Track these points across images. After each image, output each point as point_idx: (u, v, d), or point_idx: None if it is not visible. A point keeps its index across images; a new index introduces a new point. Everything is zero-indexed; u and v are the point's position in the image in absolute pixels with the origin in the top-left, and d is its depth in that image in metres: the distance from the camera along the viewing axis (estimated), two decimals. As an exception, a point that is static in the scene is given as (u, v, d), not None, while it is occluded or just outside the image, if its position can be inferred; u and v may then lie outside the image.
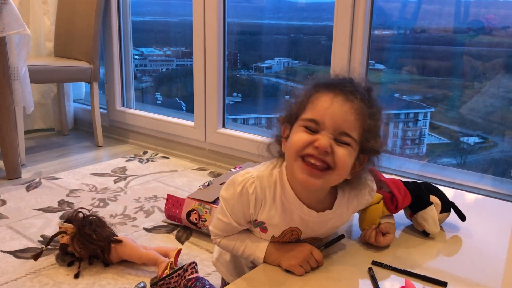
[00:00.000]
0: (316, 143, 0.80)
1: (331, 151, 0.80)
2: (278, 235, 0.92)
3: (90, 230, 1.41)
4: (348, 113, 0.81)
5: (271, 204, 0.88)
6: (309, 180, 0.81)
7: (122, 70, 2.81)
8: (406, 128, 2.31)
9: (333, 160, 0.80)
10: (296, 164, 0.82)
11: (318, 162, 0.80)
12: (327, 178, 0.82)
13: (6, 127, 2.08)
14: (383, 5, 2.07)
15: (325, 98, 0.82)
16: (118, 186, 2.10)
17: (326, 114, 0.81)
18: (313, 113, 0.82)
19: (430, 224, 1.03)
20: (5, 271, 1.41)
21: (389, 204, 1.01)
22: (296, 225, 0.90)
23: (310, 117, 0.82)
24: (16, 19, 1.97)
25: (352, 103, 0.82)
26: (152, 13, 3.22)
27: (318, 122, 0.81)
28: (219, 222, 0.93)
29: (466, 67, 2.02)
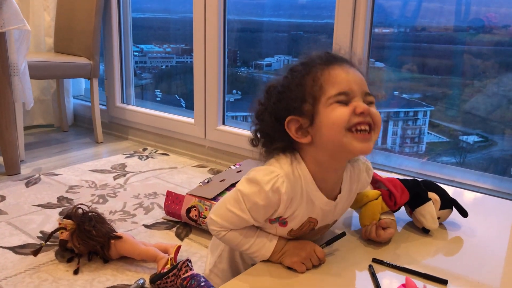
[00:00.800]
0: (358, 110, 0.81)
1: (369, 112, 0.82)
2: (297, 228, 0.90)
3: (90, 226, 1.41)
4: (361, 76, 0.85)
5: (299, 199, 0.87)
6: (364, 146, 0.82)
7: (122, 66, 2.81)
8: (405, 126, 2.31)
9: (373, 121, 0.83)
10: (347, 138, 0.81)
11: (366, 126, 0.82)
12: (373, 140, 0.84)
13: (5, 123, 2.08)
14: (383, 3, 2.07)
15: (340, 70, 0.84)
16: (118, 183, 2.10)
17: (350, 82, 0.83)
18: (338, 86, 0.82)
19: (429, 220, 1.03)
20: (5, 267, 1.41)
21: (387, 200, 1.02)
22: (315, 216, 0.90)
23: (338, 91, 0.82)
24: (16, 14, 1.97)
25: (355, 67, 0.87)
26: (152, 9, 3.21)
27: (347, 92, 0.82)
28: (231, 215, 0.87)
29: (466, 66, 2.02)
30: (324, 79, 0.83)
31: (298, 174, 0.86)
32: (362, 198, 1.02)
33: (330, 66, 0.84)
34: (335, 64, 0.85)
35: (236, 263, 1.04)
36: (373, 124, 0.83)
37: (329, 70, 0.84)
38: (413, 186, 1.07)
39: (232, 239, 0.90)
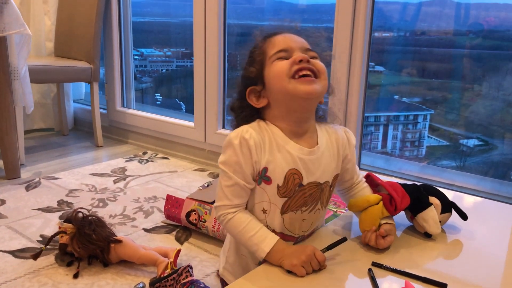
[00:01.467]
0: (297, 58, 0.91)
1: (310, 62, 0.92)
2: (282, 183, 0.93)
3: (90, 230, 1.41)
4: (301, 38, 0.96)
5: (269, 146, 0.94)
6: (309, 87, 0.90)
7: (122, 70, 2.81)
8: (405, 130, 2.31)
9: (316, 68, 0.92)
10: (291, 84, 0.91)
11: (308, 71, 0.91)
12: (320, 83, 0.92)
13: (6, 126, 2.08)
14: (383, 7, 2.07)
15: (279, 36, 0.96)
16: (118, 187, 2.10)
17: (288, 41, 0.94)
18: (277, 46, 0.94)
19: (431, 225, 1.03)
20: (4, 271, 1.41)
21: (388, 205, 1.01)
22: (296, 167, 0.94)
23: (277, 49, 0.93)
24: (17, 18, 1.98)
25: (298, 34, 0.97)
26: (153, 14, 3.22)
27: (286, 49, 0.93)
28: (225, 190, 0.94)
29: (466, 70, 2.03)
30: (266, 46, 0.96)
31: (265, 128, 0.95)
32: (363, 203, 1.02)
33: (272, 36, 0.97)
34: (277, 33, 0.97)
35: (243, 257, 1.05)
36: (317, 71, 0.92)
37: (270, 38, 0.96)
38: (413, 191, 1.06)
39: (237, 224, 0.94)
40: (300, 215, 0.98)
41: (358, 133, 1.96)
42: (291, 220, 0.98)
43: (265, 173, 0.93)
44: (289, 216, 0.97)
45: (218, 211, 0.97)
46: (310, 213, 0.99)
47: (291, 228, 0.99)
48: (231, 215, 0.95)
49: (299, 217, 0.98)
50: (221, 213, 0.96)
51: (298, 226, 1.00)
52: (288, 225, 0.98)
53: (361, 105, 1.92)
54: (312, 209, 0.99)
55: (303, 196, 0.96)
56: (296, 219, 0.98)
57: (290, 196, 0.95)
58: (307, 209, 0.98)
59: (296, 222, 0.99)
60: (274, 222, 0.97)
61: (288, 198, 0.95)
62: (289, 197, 0.95)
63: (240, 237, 0.95)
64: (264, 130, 0.95)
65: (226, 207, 0.95)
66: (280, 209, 0.96)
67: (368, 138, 2.30)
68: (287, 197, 0.95)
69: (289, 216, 0.97)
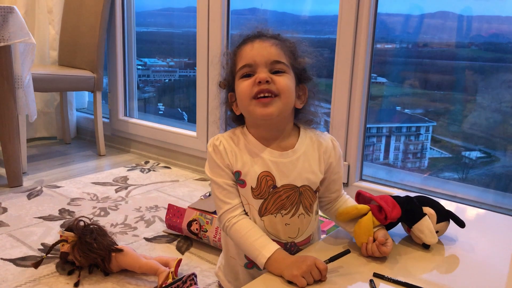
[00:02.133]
0: (257, 80, 0.92)
1: (272, 80, 0.93)
2: (255, 185, 0.96)
3: (91, 239, 1.41)
4: (270, 47, 0.95)
5: (240, 152, 0.98)
6: (264, 111, 0.93)
7: (125, 80, 2.83)
8: (408, 141, 2.31)
9: (276, 88, 0.93)
10: (251, 106, 0.94)
11: (266, 93, 0.93)
12: (277, 105, 0.94)
13: (9, 135, 2.09)
14: (385, 19, 2.08)
15: (246, 46, 0.96)
16: (119, 195, 2.10)
17: (253, 54, 0.94)
18: (243, 61, 0.95)
19: (427, 235, 1.03)
20: (5, 279, 1.40)
21: (377, 214, 1.02)
22: (267, 169, 0.96)
23: (242, 64, 0.95)
24: (22, 27, 1.99)
25: (269, 40, 0.96)
26: (156, 24, 3.24)
27: (250, 64, 0.94)
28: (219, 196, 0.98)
29: (468, 82, 2.03)
30: (236, 56, 0.97)
31: (238, 133, 1.00)
32: (352, 209, 1.03)
33: (242, 45, 0.97)
34: (247, 42, 0.96)
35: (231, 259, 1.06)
36: (277, 90, 0.93)
37: (240, 48, 0.97)
38: (405, 202, 1.06)
39: (240, 229, 0.96)
40: (281, 219, 0.99)
41: (360, 144, 1.96)
42: (271, 223, 0.99)
43: (239, 177, 0.97)
44: (269, 219, 0.98)
45: (221, 220, 0.98)
46: (292, 218, 0.99)
47: (273, 231, 0.99)
48: (235, 219, 0.96)
49: (279, 220, 0.99)
50: (225, 220, 0.98)
51: (282, 230, 1.00)
52: (270, 228, 0.99)
53: (363, 116, 1.92)
54: (294, 214, 0.99)
55: (279, 198, 0.97)
56: (277, 222, 0.99)
57: (265, 198, 0.97)
58: (287, 212, 0.99)
59: (278, 226, 0.99)
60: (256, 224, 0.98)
61: (264, 200, 0.97)
62: (264, 198, 0.97)
63: (243, 243, 0.96)
64: (237, 137, 1.00)
65: (227, 212, 0.97)
66: (258, 211, 0.98)
67: (370, 149, 2.30)
68: (262, 198, 0.97)
69: (269, 219, 0.98)
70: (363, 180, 2.00)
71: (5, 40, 1.96)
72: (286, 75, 0.95)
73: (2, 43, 1.95)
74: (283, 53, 0.96)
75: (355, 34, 1.85)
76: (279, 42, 0.97)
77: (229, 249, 1.06)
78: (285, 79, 0.94)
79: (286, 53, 0.96)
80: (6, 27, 1.95)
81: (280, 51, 0.95)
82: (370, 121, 2.02)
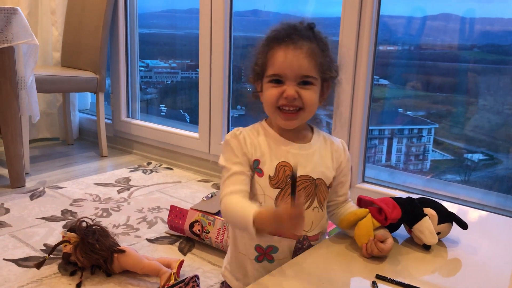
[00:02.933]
0: (285, 94, 0.95)
1: (299, 95, 0.95)
2: (273, 174, 0.97)
3: (93, 239, 1.41)
4: (301, 59, 0.95)
5: (259, 142, 1.00)
6: (287, 123, 0.98)
7: (128, 81, 2.83)
8: (410, 143, 2.31)
9: (302, 102, 0.96)
10: (274, 115, 0.98)
11: (291, 107, 0.96)
12: (300, 117, 0.98)
13: (11, 135, 2.10)
14: (388, 21, 2.08)
15: (279, 54, 0.96)
16: (122, 196, 2.10)
17: (284, 66, 0.95)
18: (273, 69, 0.96)
19: (427, 235, 1.03)
20: (7, 279, 1.41)
21: (377, 215, 1.02)
22: (285, 159, 0.98)
23: (272, 73, 0.96)
24: (25, 29, 2.00)
25: (302, 48, 0.95)
26: (159, 25, 3.25)
27: (280, 75, 0.96)
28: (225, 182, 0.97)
29: (471, 84, 2.03)
30: (268, 58, 0.97)
31: (257, 127, 1.03)
32: (351, 216, 1.03)
33: (276, 47, 0.97)
34: (281, 46, 0.96)
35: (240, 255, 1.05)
36: (303, 105, 0.96)
37: (273, 51, 0.97)
38: (407, 203, 1.06)
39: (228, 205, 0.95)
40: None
41: (362, 146, 1.96)
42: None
43: (257, 165, 0.98)
44: None
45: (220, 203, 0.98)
46: (307, 210, 1.00)
47: None
48: (226, 198, 0.95)
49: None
50: (221, 201, 0.97)
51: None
52: None
53: (365, 118, 1.92)
54: (309, 206, 1.00)
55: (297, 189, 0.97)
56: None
57: (282, 188, 0.97)
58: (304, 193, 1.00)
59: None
60: None
61: (281, 190, 0.97)
62: (281, 188, 0.97)
63: (232, 217, 0.94)
64: (257, 130, 1.02)
65: (223, 195, 0.97)
66: (274, 201, 0.98)
67: (372, 151, 2.30)
68: (279, 188, 0.97)
69: None
70: (365, 182, 2.00)
71: (8, 41, 1.96)
72: (313, 88, 0.97)
73: (5, 44, 1.96)
74: (314, 65, 0.96)
75: (358, 36, 1.85)
76: (312, 48, 0.96)
77: (238, 245, 1.05)
78: (312, 94, 0.97)
79: (317, 63, 0.97)
80: (9, 28, 1.96)
81: (311, 62, 0.96)
82: (372, 123, 2.02)
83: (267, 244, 1.00)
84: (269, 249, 1.00)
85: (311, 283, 0.89)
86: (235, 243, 1.06)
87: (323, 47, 0.99)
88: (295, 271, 0.94)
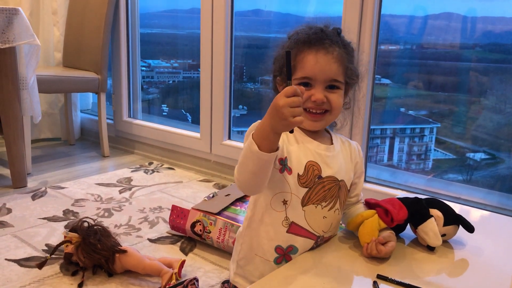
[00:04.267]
0: (313, 98, 0.97)
1: (327, 99, 0.98)
2: (302, 173, 0.98)
3: (95, 239, 1.41)
4: (331, 63, 0.98)
5: (287, 138, 0.99)
6: (313, 124, 1.00)
7: (130, 81, 2.83)
8: (412, 143, 2.31)
9: (329, 105, 0.99)
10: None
11: (318, 110, 0.99)
12: (326, 119, 1.01)
13: (13, 136, 2.10)
14: (389, 20, 2.08)
15: (310, 57, 0.97)
16: (123, 197, 2.11)
17: (315, 70, 0.97)
18: (303, 71, 0.97)
19: (431, 237, 1.03)
20: (9, 280, 1.41)
21: (383, 216, 1.02)
22: (314, 159, 0.99)
23: (302, 76, 0.97)
24: (26, 29, 2.00)
25: (332, 54, 0.98)
26: (160, 25, 3.25)
27: (310, 77, 0.97)
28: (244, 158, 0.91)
29: (473, 83, 2.03)
30: (298, 60, 0.98)
31: None
32: (358, 218, 1.04)
33: (306, 51, 0.98)
34: (312, 50, 0.98)
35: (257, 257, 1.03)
36: (330, 108, 0.99)
37: (304, 54, 0.98)
38: (413, 203, 1.06)
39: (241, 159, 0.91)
40: (321, 211, 1.00)
41: (364, 146, 1.95)
42: (311, 214, 0.99)
43: (286, 163, 0.98)
44: (310, 209, 0.99)
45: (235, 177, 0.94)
46: (330, 211, 1.01)
47: (312, 223, 1.00)
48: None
49: (319, 212, 1.00)
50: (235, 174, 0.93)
51: (319, 222, 1.01)
52: (309, 219, 0.99)
53: (367, 118, 1.92)
54: (332, 207, 1.01)
55: (322, 189, 0.99)
56: (317, 214, 1.00)
57: (310, 187, 0.98)
58: (327, 205, 1.00)
59: (318, 218, 1.00)
60: (295, 214, 0.99)
61: (308, 189, 0.98)
62: (309, 187, 0.98)
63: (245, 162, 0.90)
64: None
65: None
66: (301, 200, 0.98)
67: (374, 151, 2.30)
68: (307, 187, 0.98)
69: (310, 209, 0.99)
70: (367, 182, 2.00)
71: (10, 42, 1.96)
72: (340, 92, 1.00)
73: (7, 45, 1.96)
74: (342, 70, 0.99)
75: (359, 35, 1.85)
76: (341, 54, 0.99)
77: (255, 248, 1.03)
78: (339, 97, 0.99)
79: (345, 68, 1.00)
80: (11, 29, 1.96)
81: (340, 67, 0.99)
82: (374, 123, 2.02)
83: (288, 244, 1.00)
84: (289, 249, 1.00)
85: (313, 282, 0.89)
86: (251, 246, 1.04)
87: (350, 52, 1.02)
88: (297, 269, 0.94)
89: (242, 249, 1.06)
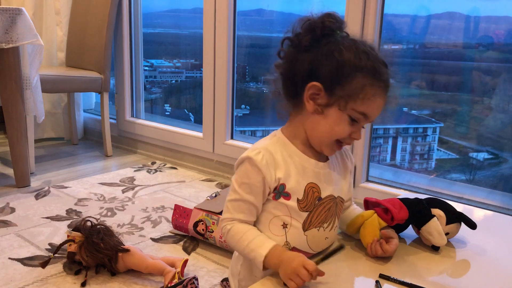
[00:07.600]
0: (355, 136, 0.93)
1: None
2: (302, 197, 0.93)
3: (98, 239, 1.42)
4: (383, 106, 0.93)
5: (284, 162, 0.93)
6: (331, 153, 0.96)
7: (132, 81, 2.84)
8: (415, 142, 2.30)
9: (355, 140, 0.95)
10: (328, 144, 0.94)
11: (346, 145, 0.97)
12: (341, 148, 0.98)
13: (16, 135, 2.10)
14: (392, 20, 2.08)
15: (379, 100, 0.91)
16: (126, 196, 2.11)
17: (376, 113, 0.92)
18: (367, 108, 0.90)
19: (436, 236, 1.02)
20: (13, 279, 1.41)
21: (383, 215, 1.01)
22: (313, 180, 0.94)
23: (363, 111, 0.90)
24: (30, 29, 2.00)
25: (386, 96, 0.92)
26: (163, 25, 3.25)
27: (368, 116, 0.91)
28: (228, 204, 0.93)
29: (476, 83, 2.02)
30: (365, 93, 0.88)
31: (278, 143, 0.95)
32: (358, 218, 1.03)
33: (375, 87, 0.89)
34: (380, 89, 0.90)
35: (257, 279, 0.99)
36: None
37: (375, 90, 0.89)
38: (414, 204, 1.06)
39: (235, 233, 0.92)
40: (323, 233, 0.96)
41: (366, 145, 1.95)
42: (314, 238, 0.95)
43: (284, 190, 0.92)
44: (312, 234, 0.95)
45: (220, 224, 0.96)
46: (331, 231, 0.98)
47: (314, 247, 0.97)
48: (230, 225, 0.92)
49: (322, 235, 0.96)
50: (223, 225, 0.94)
51: (321, 245, 0.98)
52: (312, 243, 0.96)
53: (369, 117, 1.92)
54: (332, 226, 0.98)
55: (323, 210, 0.95)
56: (319, 236, 0.96)
57: (311, 210, 0.94)
58: (328, 225, 0.97)
59: (320, 240, 0.97)
60: (296, 240, 0.94)
61: (309, 213, 0.94)
62: (310, 211, 0.94)
63: (239, 246, 0.92)
64: (278, 149, 0.94)
65: (227, 220, 0.93)
66: (302, 225, 0.94)
67: (377, 151, 2.30)
68: (308, 211, 0.93)
69: (312, 233, 0.95)
70: (370, 182, 2.00)
71: (13, 42, 1.97)
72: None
73: (10, 45, 1.96)
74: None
75: (362, 35, 1.84)
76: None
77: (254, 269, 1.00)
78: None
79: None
80: (14, 29, 1.96)
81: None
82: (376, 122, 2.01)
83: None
84: None
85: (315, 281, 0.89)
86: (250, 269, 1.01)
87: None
88: (299, 270, 0.94)
89: (241, 271, 1.03)
